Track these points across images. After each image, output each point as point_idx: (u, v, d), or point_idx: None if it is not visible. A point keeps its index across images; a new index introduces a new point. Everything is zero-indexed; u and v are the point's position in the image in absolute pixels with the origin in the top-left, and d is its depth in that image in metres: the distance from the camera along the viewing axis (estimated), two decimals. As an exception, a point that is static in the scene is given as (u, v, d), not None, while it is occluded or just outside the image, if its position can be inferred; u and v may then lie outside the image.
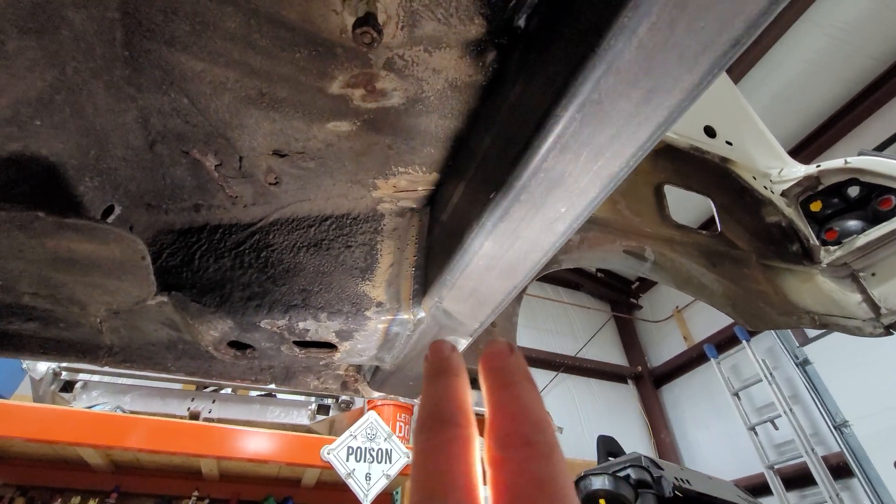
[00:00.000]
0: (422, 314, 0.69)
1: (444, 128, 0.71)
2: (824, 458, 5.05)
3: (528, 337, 7.58)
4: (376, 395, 0.92)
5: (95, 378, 3.78)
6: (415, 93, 0.68)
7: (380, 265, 0.76)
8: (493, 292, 0.64)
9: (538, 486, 0.28)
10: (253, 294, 0.71)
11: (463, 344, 0.73)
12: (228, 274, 0.73)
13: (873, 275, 1.79)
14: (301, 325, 0.70)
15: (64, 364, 3.67)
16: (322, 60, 0.64)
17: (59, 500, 3.39)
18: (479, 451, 0.31)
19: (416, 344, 0.76)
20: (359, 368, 0.91)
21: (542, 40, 0.50)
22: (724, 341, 6.65)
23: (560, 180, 0.48)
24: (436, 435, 0.30)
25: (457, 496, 0.28)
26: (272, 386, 0.88)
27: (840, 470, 4.96)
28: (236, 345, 0.76)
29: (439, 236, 0.70)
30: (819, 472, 4.93)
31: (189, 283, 0.73)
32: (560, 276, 8.38)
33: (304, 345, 0.76)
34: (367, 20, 0.53)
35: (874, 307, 1.75)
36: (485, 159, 0.58)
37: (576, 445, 6.52)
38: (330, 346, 0.77)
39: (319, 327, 0.71)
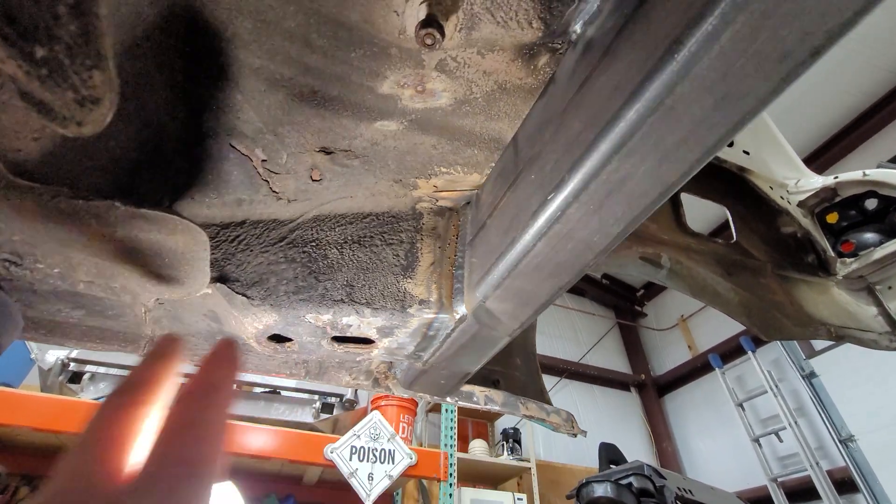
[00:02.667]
0: (464, 312, 0.70)
1: (490, 129, 0.73)
2: (829, 473, 5.02)
3: (532, 342, 7.55)
4: (406, 393, 0.92)
5: (103, 370, 3.80)
6: (463, 94, 0.69)
7: (421, 263, 0.76)
8: (539, 293, 0.64)
9: (178, 430, 0.35)
10: (298, 288, 0.72)
11: (502, 343, 0.74)
12: (272, 268, 0.74)
13: (889, 288, 1.79)
14: (345, 320, 0.71)
15: (73, 355, 3.69)
16: (376, 60, 0.65)
17: (63, 490, 3.41)
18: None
19: (453, 343, 0.76)
20: (390, 365, 0.92)
21: (605, 45, 0.51)
22: (730, 351, 6.63)
23: (622, 183, 0.49)
24: (110, 398, 0.37)
25: (98, 442, 0.34)
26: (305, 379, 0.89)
27: (845, 485, 4.92)
28: (277, 338, 0.77)
29: (483, 236, 0.71)
30: (823, 487, 4.89)
31: (233, 277, 0.74)
32: (565, 282, 8.33)
33: (343, 340, 0.77)
34: (431, 22, 0.54)
35: (890, 321, 1.75)
36: (539, 160, 0.59)
37: (577, 452, 6.49)
38: (368, 342, 0.78)
39: (362, 323, 0.72)
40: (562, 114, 0.56)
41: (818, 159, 5.95)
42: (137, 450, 0.34)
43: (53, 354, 3.67)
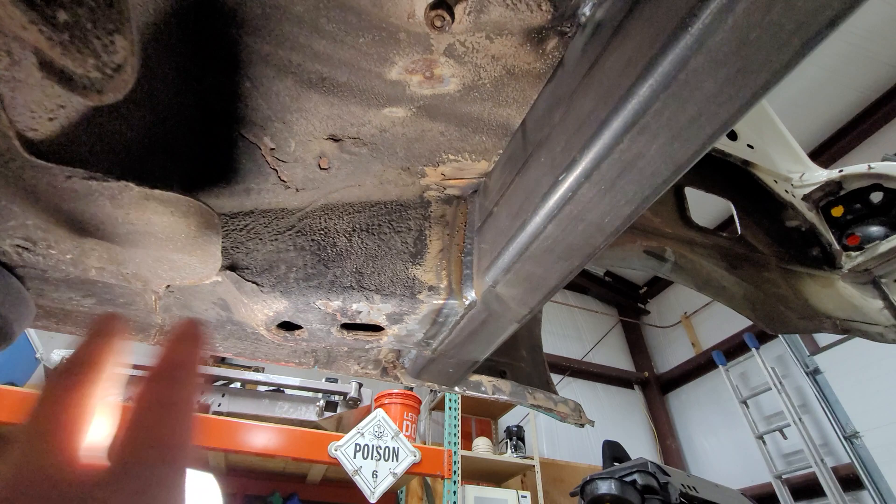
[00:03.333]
0: (473, 298, 0.70)
1: (498, 115, 0.73)
2: (834, 469, 5.00)
3: (534, 340, 7.54)
4: (415, 382, 0.93)
5: (107, 369, 3.81)
6: (472, 80, 0.69)
7: (429, 250, 0.77)
8: (549, 277, 0.64)
9: (145, 409, 0.33)
10: (308, 275, 0.72)
11: (510, 329, 0.74)
12: (282, 256, 0.74)
13: (895, 281, 1.78)
14: (354, 306, 0.71)
15: (78, 354, 3.70)
16: (384, 45, 0.65)
17: (68, 489, 3.42)
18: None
19: (462, 329, 0.76)
20: (398, 354, 0.92)
21: (615, 24, 0.51)
22: (733, 348, 6.61)
23: (634, 162, 0.48)
24: (52, 380, 0.35)
25: (48, 430, 0.32)
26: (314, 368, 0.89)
27: (850, 481, 4.90)
28: (286, 326, 0.77)
29: (492, 222, 0.71)
30: (828, 483, 4.87)
31: (242, 265, 0.74)
32: (567, 280, 8.33)
33: (352, 328, 0.77)
34: (441, 3, 0.54)
35: (896, 314, 1.74)
36: (549, 143, 0.58)
37: (581, 450, 6.49)
38: (377, 329, 0.78)
39: (372, 309, 0.72)
40: (571, 95, 0.56)
41: (824, 154, 5.93)
42: (90, 434, 0.33)
43: (58, 353, 3.69)
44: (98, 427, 0.34)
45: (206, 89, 0.68)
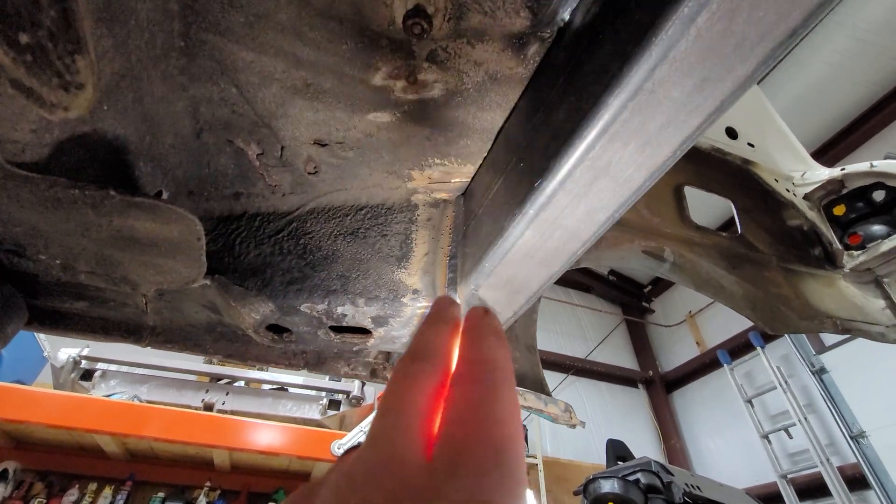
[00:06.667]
0: (457, 302, 0.71)
1: (481, 119, 0.73)
2: (840, 469, 4.96)
3: (538, 338, 7.55)
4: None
5: (114, 367, 3.87)
6: (455, 85, 0.69)
7: (415, 254, 0.77)
8: (530, 281, 0.65)
9: (473, 409, 0.31)
10: (293, 279, 0.73)
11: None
12: (269, 259, 0.75)
13: (897, 280, 1.77)
14: (339, 309, 0.72)
15: (85, 352, 3.76)
16: (367, 52, 0.65)
17: (77, 486, 3.47)
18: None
19: (447, 332, 0.77)
20: (388, 356, 0.93)
21: (590, 31, 0.51)
22: (738, 347, 6.57)
23: (606, 169, 0.49)
24: (410, 366, 0.34)
25: (406, 413, 0.31)
26: (304, 370, 0.90)
27: (856, 481, 4.87)
28: (275, 328, 0.78)
29: (475, 226, 0.72)
30: (834, 483, 4.84)
31: (231, 268, 0.75)
32: (571, 278, 8.33)
33: (339, 330, 0.78)
34: (418, 12, 0.55)
35: (899, 313, 1.73)
36: (528, 148, 0.59)
37: (584, 448, 6.48)
38: (364, 332, 0.79)
39: (357, 312, 0.73)
40: (549, 102, 0.56)
41: (828, 152, 5.86)
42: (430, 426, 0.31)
43: (65, 352, 3.74)
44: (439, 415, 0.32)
45: (192, 96, 0.69)
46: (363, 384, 3.89)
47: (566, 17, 0.59)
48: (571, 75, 0.53)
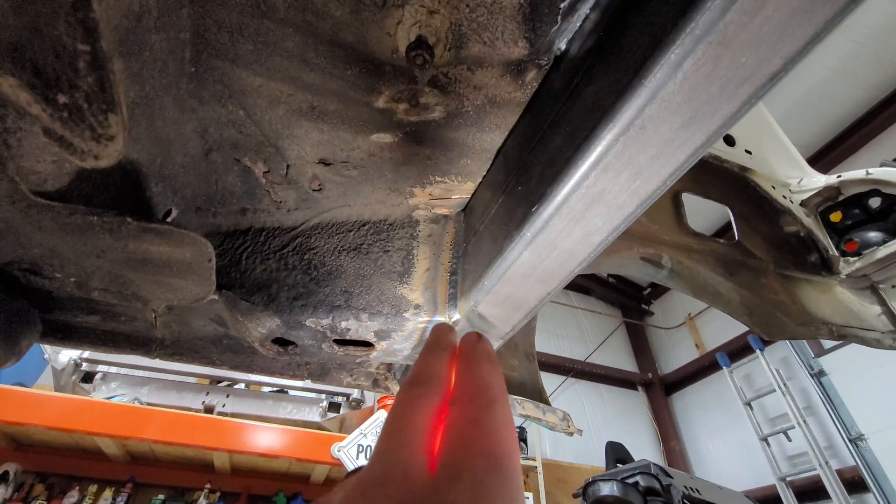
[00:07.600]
0: (457, 317, 0.73)
1: (481, 140, 0.75)
2: (839, 472, 4.98)
3: (537, 340, 7.57)
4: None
5: (114, 370, 3.89)
6: (455, 108, 0.72)
7: (416, 269, 0.80)
8: (528, 298, 0.67)
9: (471, 424, 0.34)
10: (299, 294, 0.75)
11: (496, 346, 0.77)
12: (274, 275, 0.78)
13: (893, 287, 1.79)
14: (343, 324, 0.75)
15: (85, 355, 3.78)
16: (371, 77, 0.68)
17: (77, 487, 3.49)
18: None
19: (448, 345, 0.79)
20: (390, 367, 0.95)
21: (585, 62, 0.53)
22: (737, 350, 6.59)
23: (600, 196, 0.51)
24: (412, 391, 0.38)
25: (410, 431, 0.34)
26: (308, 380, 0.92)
27: (855, 484, 4.88)
28: (280, 341, 0.80)
29: (475, 243, 0.74)
30: (833, 486, 4.85)
31: (237, 283, 0.78)
32: (571, 281, 8.33)
33: (343, 343, 0.80)
34: (420, 43, 0.57)
35: (894, 319, 1.75)
36: (525, 172, 0.61)
37: (584, 451, 6.50)
38: (367, 345, 0.81)
39: (360, 327, 0.75)
40: (546, 128, 0.59)
41: (826, 157, 5.88)
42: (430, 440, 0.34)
43: (66, 355, 3.75)
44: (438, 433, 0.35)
45: (201, 118, 0.71)
46: (363, 388, 3.91)
47: (562, 46, 0.61)
48: (567, 104, 0.56)
